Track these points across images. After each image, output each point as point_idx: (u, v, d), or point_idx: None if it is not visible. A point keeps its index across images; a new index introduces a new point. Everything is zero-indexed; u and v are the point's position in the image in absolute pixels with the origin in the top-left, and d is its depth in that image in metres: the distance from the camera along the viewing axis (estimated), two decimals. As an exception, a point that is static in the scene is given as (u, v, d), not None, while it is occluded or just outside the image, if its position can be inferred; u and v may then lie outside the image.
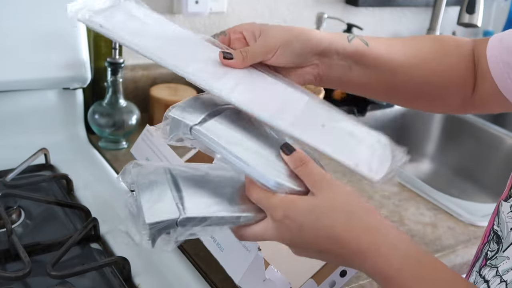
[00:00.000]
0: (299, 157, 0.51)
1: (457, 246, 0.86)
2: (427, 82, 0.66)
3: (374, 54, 0.64)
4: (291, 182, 0.50)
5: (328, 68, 0.63)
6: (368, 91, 0.68)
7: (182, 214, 0.50)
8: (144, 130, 0.83)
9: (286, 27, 0.60)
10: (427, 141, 1.52)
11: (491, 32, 1.79)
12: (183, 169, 0.56)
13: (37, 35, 0.92)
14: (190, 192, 0.53)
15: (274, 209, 0.50)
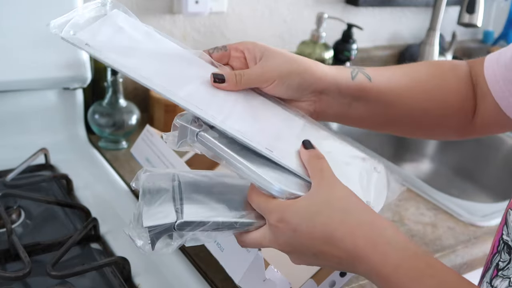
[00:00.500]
0: (316, 153, 0.52)
1: (457, 246, 0.86)
2: (426, 111, 0.65)
3: (376, 89, 0.62)
4: (294, 189, 0.50)
5: (326, 105, 0.61)
6: (364, 124, 0.67)
7: (180, 219, 0.51)
8: (144, 130, 0.83)
9: (290, 56, 0.58)
10: (427, 141, 1.52)
11: (491, 32, 1.79)
12: (190, 175, 0.57)
13: (37, 35, 0.92)
14: (192, 198, 0.54)
15: (270, 213, 0.50)
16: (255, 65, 0.58)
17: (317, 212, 0.48)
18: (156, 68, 0.54)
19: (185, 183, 0.56)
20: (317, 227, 0.47)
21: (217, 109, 0.53)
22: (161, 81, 0.53)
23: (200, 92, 0.55)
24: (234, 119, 0.53)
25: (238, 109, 0.55)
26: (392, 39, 1.60)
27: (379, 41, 1.58)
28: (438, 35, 1.49)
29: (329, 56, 1.31)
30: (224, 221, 0.52)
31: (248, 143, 0.51)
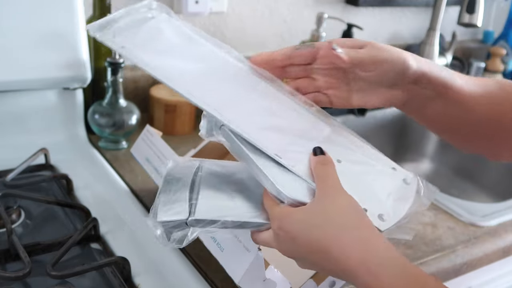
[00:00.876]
0: (324, 158, 0.52)
1: (457, 246, 0.86)
2: (500, 123, 0.63)
3: (457, 89, 0.60)
4: (298, 196, 0.50)
5: (415, 95, 0.59)
6: (438, 125, 0.64)
7: (192, 216, 0.52)
8: (144, 130, 0.83)
9: (391, 47, 0.58)
10: (427, 141, 1.52)
11: (491, 32, 1.79)
12: (213, 168, 0.58)
13: (37, 35, 0.92)
14: (208, 193, 0.54)
15: (273, 219, 0.50)
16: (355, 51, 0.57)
17: (314, 225, 0.48)
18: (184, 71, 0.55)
19: (206, 174, 0.57)
20: (313, 241, 0.47)
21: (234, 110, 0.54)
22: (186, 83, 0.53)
23: (221, 92, 0.55)
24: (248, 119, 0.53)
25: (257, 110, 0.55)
26: (392, 39, 1.60)
27: (379, 41, 1.57)
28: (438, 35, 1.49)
29: (329, 56, 1.31)
30: (234, 220, 0.52)
31: (257, 145, 0.52)
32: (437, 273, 0.82)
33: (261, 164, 0.51)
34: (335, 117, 0.60)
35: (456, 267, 0.84)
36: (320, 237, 0.47)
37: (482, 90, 0.63)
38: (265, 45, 1.36)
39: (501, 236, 0.90)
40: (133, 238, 0.76)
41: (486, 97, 0.63)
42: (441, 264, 0.82)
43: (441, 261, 0.83)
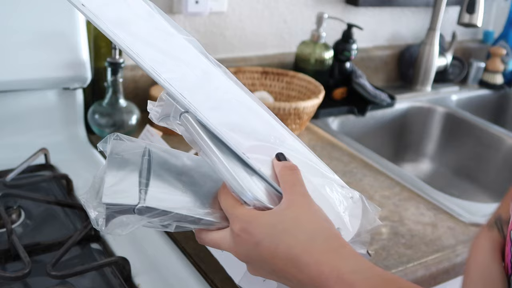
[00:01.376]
0: (290, 164, 0.50)
1: (457, 246, 0.86)
2: None
3: None
4: (265, 200, 0.48)
5: None
6: None
7: (141, 203, 0.48)
8: (144, 130, 0.83)
9: None
10: (427, 141, 1.52)
11: (491, 32, 1.79)
12: (162, 155, 0.54)
13: (37, 35, 0.92)
14: (159, 181, 0.50)
15: (235, 219, 0.48)
16: None
17: (283, 230, 0.46)
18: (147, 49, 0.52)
19: (155, 161, 0.52)
20: (280, 247, 0.46)
21: (203, 97, 0.51)
22: (151, 63, 0.51)
23: (187, 78, 0.52)
24: (219, 112, 0.51)
25: (227, 103, 0.52)
26: (392, 39, 1.60)
27: (379, 41, 1.58)
28: (438, 35, 1.50)
29: (329, 56, 1.31)
30: (187, 215, 0.49)
31: (226, 141, 0.49)
32: (437, 273, 0.82)
33: (227, 162, 0.48)
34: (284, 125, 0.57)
35: (456, 267, 0.84)
36: (290, 244, 0.45)
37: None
38: (265, 45, 1.36)
39: (501, 236, 0.90)
40: (133, 238, 0.76)
41: None
42: (441, 264, 0.82)
43: (441, 261, 0.83)
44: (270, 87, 1.27)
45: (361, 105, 1.35)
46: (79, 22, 0.95)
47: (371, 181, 1.02)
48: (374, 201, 0.96)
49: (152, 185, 0.50)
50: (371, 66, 1.55)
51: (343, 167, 1.05)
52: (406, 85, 1.58)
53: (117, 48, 0.97)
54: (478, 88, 1.66)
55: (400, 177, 1.04)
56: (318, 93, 1.17)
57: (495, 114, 1.68)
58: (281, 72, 1.27)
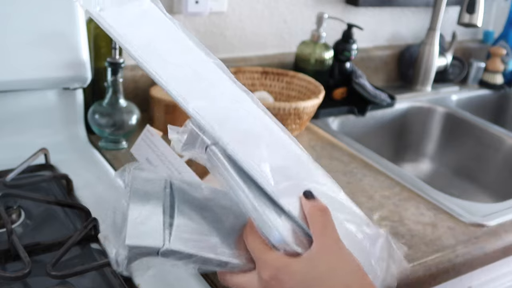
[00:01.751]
0: (321, 205, 0.47)
1: (457, 246, 0.86)
2: None
3: None
4: (294, 242, 0.46)
5: None
6: None
7: (166, 245, 0.46)
8: (144, 130, 0.83)
9: None
10: (427, 141, 1.52)
11: (491, 32, 1.79)
12: (183, 187, 0.51)
13: (37, 35, 0.92)
14: (183, 219, 0.48)
15: (265, 266, 0.46)
16: None
17: (315, 278, 0.44)
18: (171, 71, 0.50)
19: (178, 195, 0.50)
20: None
21: (232, 129, 0.48)
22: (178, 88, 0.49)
23: (216, 107, 0.50)
24: (247, 145, 0.48)
25: (256, 135, 0.50)
26: (392, 39, 1.60)
27: (379, 41, 1.58)
28: (438, 35, 1.50)
29: (329, 56, 1.31)
30: (214, 258, 0.47)
31: (255, 178, 0.46)
32: (437, 273, 0.82)
33: (255, 199, 0.46)
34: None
35: (456, 267, 0.84)
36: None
37: None
38: (265, 45, 1.36)
39: (501, 236, 0.90)
40: (133, 238, 0.76)
41: None
42: (441, 264, 0.82)
43: (441, 261, 0.83)
44: (270, 87, 1.27)
45: (361, 105, 1.35)
46: (79, 22, 0.95)
47: (371, 181, 1.02)
48: (374, 201, 0.96)
49: (176, 224, 0.47)
50: (371, 66, 1.55)
51: (343, 167, 1.05)
52: (406, 85, 1.58)
53: (117, 48, 0.97)
54: (478, 88, 1.66)
55: (400, 177, 1.04)
56: (318, 93, 1.17)
57: (495, 114, 1.68)
58: (281, 72, 1.27)
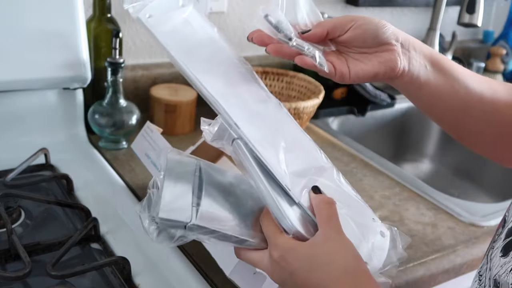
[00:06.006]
0: (327, 199, 0.53)
1: (457, 246, 0.86)
2: (500, 115, 0.64)
3: (448, 62, 0.63)
4: (302, 229, 0.51)
5: (408, 61, 0.61)
6: (444, 102, 0.64)
7: (193, 220, 0.52)
8: (144, 126, 0.84)
9: None
10: (427, 141, 1.52)
11: (491, 32, 1.79)
12: (210, 172, 0.58)
13: (37, 35, 0.92)
14: (209, 201, 0.54)
15: (275, 247, 0.51)
16: None
17: (317, 265, 0.49)
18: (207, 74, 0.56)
19: (206, 180, 0.57)
20: (312, 279, 0.49)
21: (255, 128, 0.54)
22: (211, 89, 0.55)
23: (242, 108, 0.56)
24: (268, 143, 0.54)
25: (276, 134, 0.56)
26: (392, 39, 1.60)
27: (379, 41, 1.58)
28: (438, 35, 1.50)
29: (329, 56, 1.31)
30: (233, 235, 0.53)
31: (272, 173, 0.52)
32: (437, 273, 0.82)
33: (271, 191, 0.52)
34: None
35: (456, 267, 0.84)
36: (322, 277, 0.49)
37: (484, 80, 0.65)
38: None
39: (501, 236, 0.90)
40: (133, 238, 0.76)
41: (487, 87, 0.64)
42: (441, 264, 0.82)
43: (441, 261, 0.83)
44: (270, 87, 1.27)
45: (361, 105, 1.35)
46: (79, 22, 0.95)
47: (371, 181, 1.02)
48: (374, 201, 0.96)
49: (203, 204, 0.54)
50: (371, 66, 1.54)
51: (343, 167, 1.05)
52: (406, 85, 1.58)
53: (117, 48, 0.97)
54: (478, 88, 1.66)
55: (400, 177, 1.04)
56: (318, 93, 1.17)
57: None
58: (281, 72, 1.27)
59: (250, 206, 0.56)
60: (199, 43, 0.59)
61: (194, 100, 1.11)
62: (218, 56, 0.59)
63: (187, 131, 1.13)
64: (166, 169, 0.56)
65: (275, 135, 0.56)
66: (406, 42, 0.61)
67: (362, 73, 0.61)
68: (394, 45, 0.60)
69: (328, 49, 0.62)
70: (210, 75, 0.56)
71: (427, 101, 0.65)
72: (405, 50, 0.61)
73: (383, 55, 0.60)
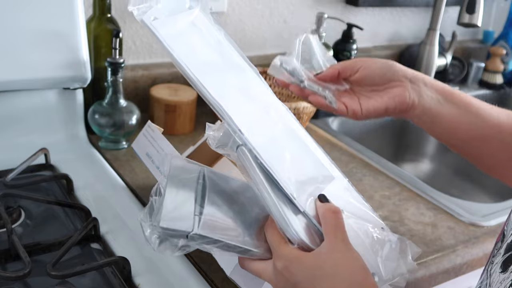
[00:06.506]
0: (334, 207, 0.52)
1: (457, 246, 0.86)
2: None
3: (463, 95, 0.65)
4: (308, 239, 0.50)
5: (418, 95, 0.64)
6: (458, 133, 0.67)
7: (195, 230, 0.50)
8: (145, 125, 0.83)
9: None
10: (427, 141, 1.52)
11: (491, 32, 1.79)
12: (216, 180, 0.56)
13: (37, 35, 0.92)
14: (212, 209, 0.53)
15: (279, 257, 0.50)
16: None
17: (321, 276, 0.48)
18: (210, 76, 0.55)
19: (209, 186, 0.55)
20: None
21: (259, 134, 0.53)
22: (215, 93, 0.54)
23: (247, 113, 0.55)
24: (273, 150, 0.53)
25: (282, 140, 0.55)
26: (392, 39, 1.60)
27: (379, 41, 1.58)
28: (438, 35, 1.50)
29: (329, 56, 1.31)
30: (236, 245, 0.52)
31: (277, 181, 0.51)
32: (437, 273, 0.82)
33: (276, 199, 0.51)
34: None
35: (456, 267, 0.84)
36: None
37: (501, 110, 0.66)
38: (265, 45, 1.36)
39: (501, 236, 0.90)
40: (133, 238, 0.76)
41: (505, 115, 0.65)
42: (441, 264, 0.82)
43: (441, 261, 0.83)
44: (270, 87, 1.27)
45: (361, 105, 1.35)
46: (79, 22, 0.95)
47: (371, 181, 1.02)
48: (374, 201, 0.96)
49: (206, 212, 0.52)
50: (371, 66, 1.54)
51: (343, 167, 1.05)
52: (406, 85, 1.58)
53: (117, 48, 0.97)
54: (478, 88, 1.66)
55: (400, 177, 1.04)
56: (318, 93, 1.17)
57: (495, 114, 1.68)
58: (281, 72, 1.27)
59: (255, 215, 0.55)
60: (205, 47, 0.58)
61: (194, 100, 1.11)
62: (224, 60, 0.59)
63: (187, 131, 1.13)
64: (169, 176, 0.54)
65: (281, 141, 0.55)
66: (415, 78, 0.65)
67: (373, 109, 0.66)
68: (402, 81, 0.64)
69: (342, 88, 0.67)
70: (214, 79, 0.55)
71: (442, 132, 0.68)
72: (415, 85, 0.65)
73: (393, 91, 0.65)
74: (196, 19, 0.60)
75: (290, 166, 0.53)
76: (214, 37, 0.60)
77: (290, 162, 0.53)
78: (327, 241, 0.49)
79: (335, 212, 0.51)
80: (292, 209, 0.51)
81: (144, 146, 0.82)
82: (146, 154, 0.81)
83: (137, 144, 0.84)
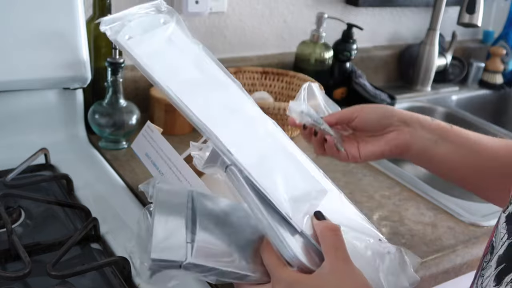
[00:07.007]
0: (332, 225, 0.51)
1: (457, 246, 0.86)
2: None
3: (459, 132, 0.68)
4: (307, 260, 0.48)
5: (412, 138, 0.67)
6: (455, 170, 0.69)
7: (189, 259, 0.48)
8: (145, 126, 0.83)
9: None
10: (427, 141, 1.52)
11: (491, 32, 1.79)
12: (205, 202, 0.54)
13: (37, 35, 0.92)
14: (205, 235, 0.51)
15: (279, 281, 0.49)
16: None
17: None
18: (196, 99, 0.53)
19: (199, 210, 0.53)
20: None
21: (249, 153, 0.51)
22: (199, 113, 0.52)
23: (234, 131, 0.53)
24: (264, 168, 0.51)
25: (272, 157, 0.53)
26: (392, 39, 1.60)
27: (379, 41, 1.58)
28: (438, 35, 1.50)
29: (329, 56, 1.31)
30: (233, 271, 0.50)
31: (270, 201, 0.49)
32: (437, 273, 0.82)
33: (271, 219, 0.48)
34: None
35: (456, 267, 0.84)
36: None
37: (498, 141, 0.68)
38: (265, 45, 1.36)
39: (501, 236, 0.90)
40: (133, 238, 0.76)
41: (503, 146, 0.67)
42: (441, 264, 0.82)
43: (441, 261, 0.83)
44: (270, 87, 1.27)
45: (361, 105, 1.35)
46: (79, 22, 0.95)
47: (371, 181, 1.02)
48: (374, 201, 0.96)
49: (198, 239, 0.50)
50: (371, 66, 1.55)
51: (343, 167, 1.05)
52: (406, 85, 1.58)
53: (118, 48, 0.97)
54: (478, 88, 1.66)
55: (400, 177, 1.04)
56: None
57: (495, 114, 1.68)
58: (281, 72, 1.27)
59: (248, 235, 0.52)
60: (184, 63, 0.56)
61: (194, 100, 1.11)
62: (206, 77, 0.56)
63: (187, 131, 1.13)
64: (156, 202, 0.52)
65: (271, 158, 0.53)
66: (411, 120, 0.68)
67: (370, 153, 0.70)
68: (397, 125, 0.68)
69: (345, 133, 0.72)
70: (197, 99, 0.52)
71: (440, 170, 0.71)
72: (411, 128, 0.68)
73: (389, 136, 0.69)
74: (172, 34, 0.57)
75: (282, 183, 0.51)
76: (193, 52, 0.57)
77: (282, 180, 0.51)
78: (328, 261, 0.48)
79: (334, 230, 0.50)
80: (288, 229, 0.49)
81: (144, 146, 0.82)
82: (146, 155, 0.81)
83: (137, 144, 0.84)
